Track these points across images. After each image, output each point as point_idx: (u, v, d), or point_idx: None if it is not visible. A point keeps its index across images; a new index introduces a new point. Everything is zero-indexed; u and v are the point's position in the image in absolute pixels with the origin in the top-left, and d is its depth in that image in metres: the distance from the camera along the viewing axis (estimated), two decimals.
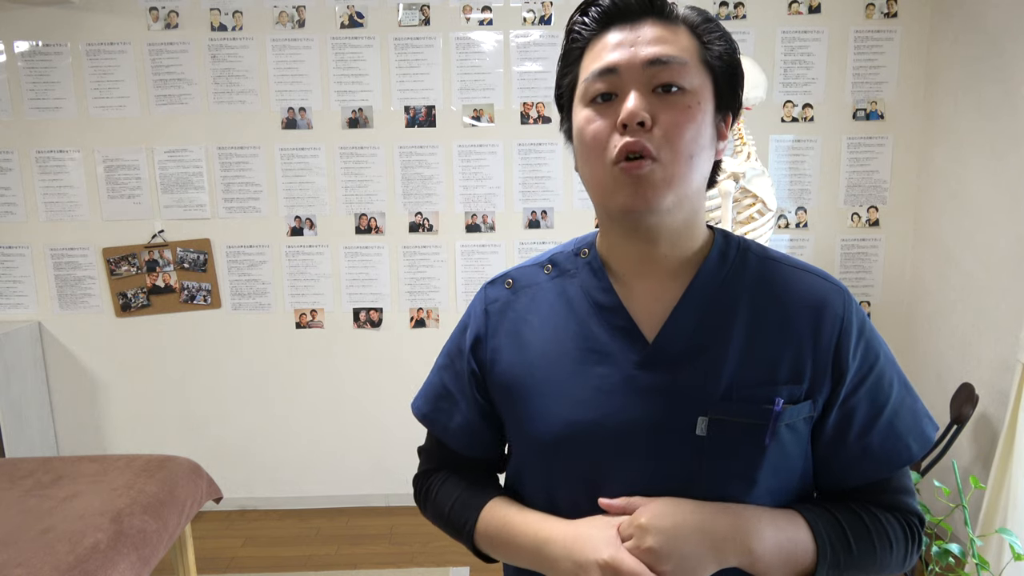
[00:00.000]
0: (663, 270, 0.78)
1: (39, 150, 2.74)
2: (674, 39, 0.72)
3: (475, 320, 0.86)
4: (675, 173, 0.70)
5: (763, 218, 2.17)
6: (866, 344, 0.77)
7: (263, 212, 2.81)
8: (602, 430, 0.75)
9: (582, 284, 0.81)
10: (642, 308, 0.78)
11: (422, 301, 2.88)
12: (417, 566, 2.52)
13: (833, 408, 0.76)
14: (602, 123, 0.71)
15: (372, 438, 2.94)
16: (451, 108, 2.75)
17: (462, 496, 0.87)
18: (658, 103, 0.70)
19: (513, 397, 0.81)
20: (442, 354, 0.92)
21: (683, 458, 0.74)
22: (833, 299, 0.76)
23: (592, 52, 0.74)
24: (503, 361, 0.82)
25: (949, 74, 2.57)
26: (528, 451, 0.83)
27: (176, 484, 1.97)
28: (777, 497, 0.77)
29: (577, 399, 0.77)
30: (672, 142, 0.69)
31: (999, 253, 2.30)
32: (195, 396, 2.91)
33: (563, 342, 0.79)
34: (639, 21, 0.73)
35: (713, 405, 0.73)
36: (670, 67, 0.70)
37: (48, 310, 2.85)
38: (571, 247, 0.86)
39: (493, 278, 0.89)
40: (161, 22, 2.68)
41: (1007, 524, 2.02)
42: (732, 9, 2.70)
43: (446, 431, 0.89)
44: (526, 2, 2.70)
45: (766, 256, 0.80)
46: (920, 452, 0.78)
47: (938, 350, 2.64)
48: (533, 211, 2.82)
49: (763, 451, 0.73)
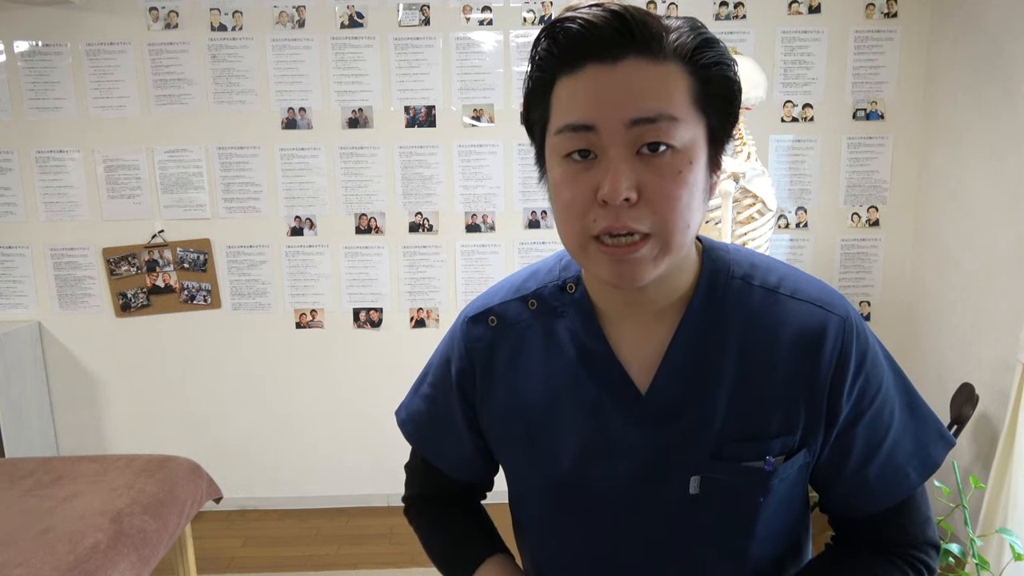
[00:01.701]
0: (651, 312, 0.72)
1: (39, 150, 2.74)
2: (662, 86, 0.60)
3: (458, 357, 0.81)
4: (670, 246, 0.63)
5: (763, 218, 2.17)
6: (865, 378, 0.71)
7: (263, 212, 2.81)
8: (595, 483, 0.74)
9: (569, 327, 0.75)
10: (631, 352, 0.73)
11: (422, 301, 2.88)
12: (417, 566, 2.52)
13: (828, 446, 0.72)
14: (579, 189, 0.62)
15: (372, 438, 2.94)
16: (451, 108, 2.75)
17: (459, 546, 0.86)
18: (643, 169, 0.60)
19: (507, 440, 0.80)
20: (426, 382, 0.87)
21: (678, 513, 0.72)
22: (830, 332, 0.69)
23: (564, 92, 0.62)
24: (493, 406, 0.79)
25: (949, 74, 2.57)
26: (524, 490, 0.82)
27: (176, 484, 1.97)
28: (776, 541, 0.76)
29: (568, 453, 0.74)
30: (663, 216, 0.61)
31: (999, 253, 2.30)
32: (195, 396, 2.91)
33: (554, 391, 0.75)
34: (619, 59, 0.60)
35: (704, 464, 0.70)
36: (658, 126, 0.60)
37: (48, 310, 2.84)
38: (556, 276, 0.78)
39: (474, 313, 0.81)
40: (161, 22, 2.68)
41: (1007, 524, 2.02)
42: (732, 9, 2.70)
43: (438, 456, 0.87)
44: (526, 2, 2.70)
45: (762, 284, 0.72)
46: (922, 480, 0.74)
47: (938, 350, 2.64)
48: (533, 211, 2.82)
49: (758, 507, 0.71)
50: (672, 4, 2.69)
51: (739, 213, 2.17)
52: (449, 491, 0.91)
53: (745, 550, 0.73)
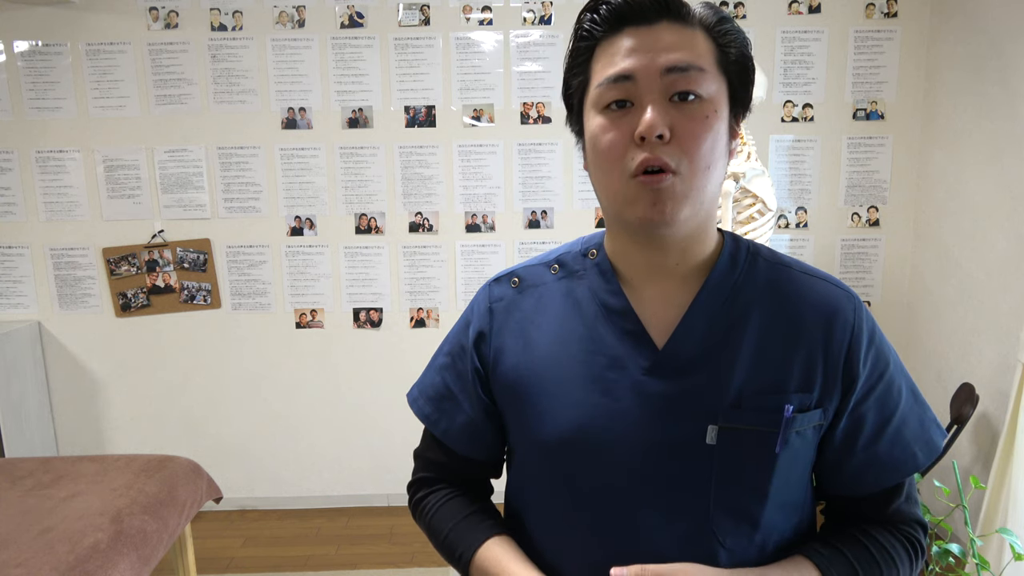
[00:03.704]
0: (673, 275, 0.77)
1: (39, 150, 2.74)
2: (691, 44, 0.70)
3: (478, 317, 0.85)
4: (694, 185, 0.69)
5: (763, 218, 2.17)
6: (876, 351, 0.77)
7: (263, 212, 2.81)
8: (609, 435, 0.74)
9: (590, 286, 0.80)
10: (652, 313, 0.77)
11: (422, 301, 2.88)
12: (417, 566, 2.52)
13: (843, 416, 0.75)
14: (617, 133, 0.70)
15: (372, 438, 2.94)
16: (451, 108, 2.75)
17: (460, 526, 0.85)
18: (675, 113, 0.68)
19: (518, 398, 0.80)
20: (441, 352, 0.90)
21: (693, 467, 0.73)
22: (844, 306, 0.76)
23: (605, 54, 0.71)
24: (508, 361, 0.81)
25: (949, 74, 2.57)
26: (530, 454, 0.82)
27: (176, 484, 1.97)
28: (787, 512, 0.77)
29: (584, 402, 0.75)
30: (691, 154, 0.68)
31: (999, 253, 2.30)
32: (195, 396, 2.91)
33: (570, 344, 0.78)
34: (654, 23, 0.70)
35: (723, 413, 0.72)
36: (688, 75, 0.68)
37: (48, 310, 2.84)
38: (578, 247, 0.84)
39: (498, 275, 0.87)
40: (161, 22, 2.68)
41: (1007, 524, 2.02)
42: (732, 9, 2.70)
43: (448, 432, 0.88)
44: (526, 2, 2.70)
45: (777, 261, 0.79)
46: (927, 460, 0.78)
47: (938, 350, 2.64)
48: (533, 211, 2.82)
49: (774, 460, 0.73)
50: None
51: (739, 213, 2.17)
52: (456, 475, 0.91)
53: (758, 516, 0.74)
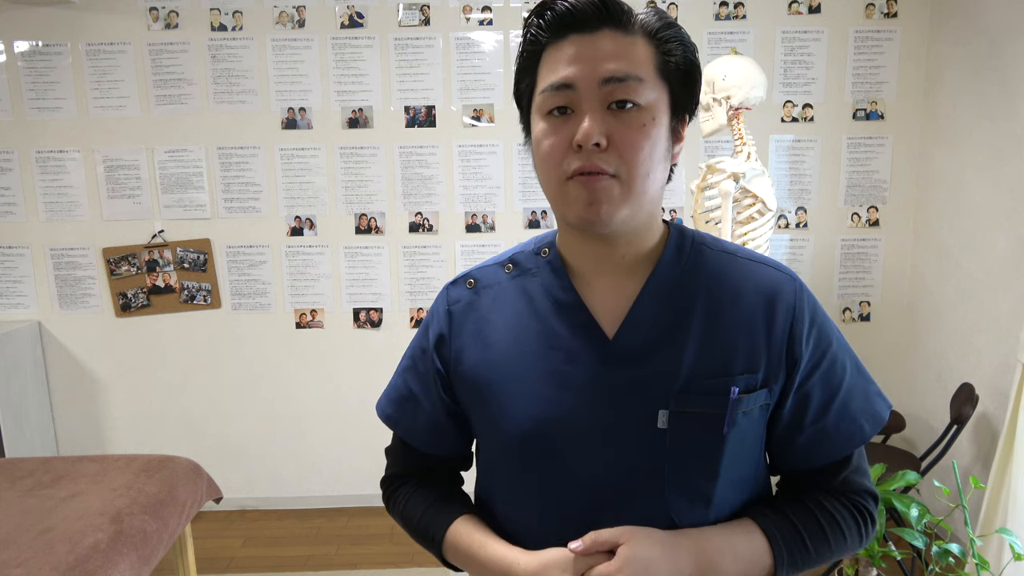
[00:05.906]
0: (621, 267, 0.80)
1: (39, 150, 2.74)
2: (631, 53, 0.72)
3: (437, 320, 0.87)
4: (632, 190, 0.72)
5: (763, 218, 2.17)
6: (819, 331, 0.80)
7: (263, 212, 2.81)
8: (568, 426, 0.78)
9: (543, 283, 0.83)
10: (602, 305, 0.80)
11: (422, 301, 2.88)
12: (417, 566, 2.52)
13: (789, 394, 0.79)
14: (558, 139, 0.72)
15: (372, 438, 2.94)
16: (451, 108, 2.75)
17: (430, 510, 0.89)
18: (613, 120, 0.71)
19: (480, 396, 0.83)
20: (405, 356, 0.93)
21: (646, 451, 0.77)
22: (785, 288, 0.79)
23: (550, 59, 0.74)
24: (468, 360, 0.84)
25: (949, 74, 2.57)
26: (495, 449, 0.85)
27: (176, 484, 1.97)
28: (739, 488, 0.81)
29: (543, 397, 0.79)
30: (627, 161, 0.71)
31: (999, 253, 2.30)
32: (195, 396, 2.91)
33: (527, 341, 0.81)
34: (596, 31, 0.72)
35: (673, 398, 0.76)
36: (626, 84, 0.70)
37: (48, 310, 2.84)
38: (531, 246, 0.87)
39: (455, 278, 0.90)
40: (161, 22, 2.68)
41: (1007, 524, 2.02)
42: (732, 9, 2.70)
43: (411, 432, 0.91)
44: (526, 2, 2.70)
45: (722, 249, 0.83)
46: (873, 432, 0.82)
47: (938, 350, 2.64)
48: (533, 211, 2.82)
49: (722, 440, 0.76)
50: (672, 3, 2.69)
51: (739, 213, 2.17)
52: (424, 468, 0.94)
53: (711, 494, 0.77)
